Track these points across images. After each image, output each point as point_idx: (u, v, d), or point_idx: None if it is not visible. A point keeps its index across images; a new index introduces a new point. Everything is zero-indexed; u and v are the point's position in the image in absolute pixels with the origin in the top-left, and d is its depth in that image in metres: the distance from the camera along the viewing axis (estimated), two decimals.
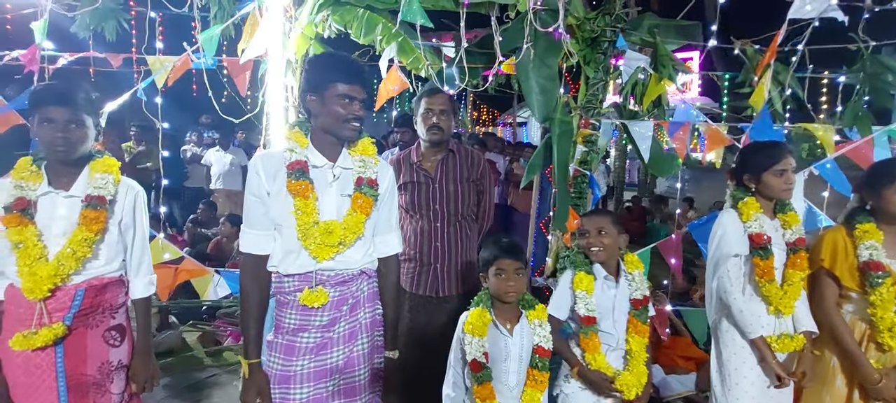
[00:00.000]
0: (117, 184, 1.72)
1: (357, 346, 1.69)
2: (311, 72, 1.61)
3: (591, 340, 1.87)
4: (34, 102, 1.57)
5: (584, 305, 1.86)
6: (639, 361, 1.90)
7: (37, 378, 1.59)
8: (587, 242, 1.94)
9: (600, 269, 1.94)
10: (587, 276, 1.89)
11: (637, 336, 1.92)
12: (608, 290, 1.93)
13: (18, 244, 1.53)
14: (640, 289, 1.94)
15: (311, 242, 1.56)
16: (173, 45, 2.86)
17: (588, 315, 1.86)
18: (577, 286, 1.89)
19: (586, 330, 1.87)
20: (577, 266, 1.93)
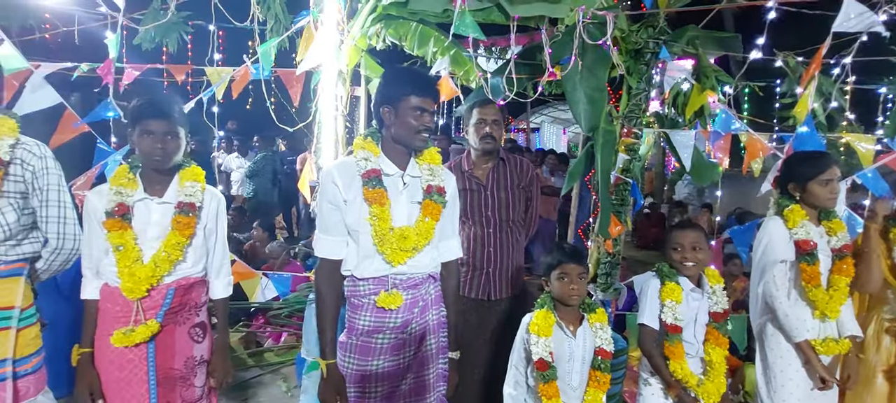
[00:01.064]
0: (203, 191, 1.83)
1: (426, 347, 1.79)
2: (386, 85, 1.71)
3: (676, 348, 1.94)
4: (136, 116, 1.69)
5: (672, 314, 1.94)
6: (719, 372, 1.97)
7: (130, 372, 1.70)
8: (680, 256, 1.99)
9: (687, 281, 2.00)
10: (677, 287, 1.96)
11: (718, 347, 1.99)
12: (693, 302, 2.00)
13: (119, 247, 1.65)
14: (721, 303, 2.01)
15: (387, 247, 1.65)
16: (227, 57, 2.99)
17: (675, 324, 1.93)
18: (666, 295, 1.96)
19: (672, 339, 1.94)
20: (664, 276, 1.99)
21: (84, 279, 1.74)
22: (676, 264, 2.00)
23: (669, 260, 2.02)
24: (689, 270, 1.99)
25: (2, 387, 1.63)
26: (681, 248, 1.99)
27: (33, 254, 1.73)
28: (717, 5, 2.72)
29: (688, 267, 1.99)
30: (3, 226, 1.62)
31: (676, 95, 2.86)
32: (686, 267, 1.99)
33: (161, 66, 2.73)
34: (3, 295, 1.63)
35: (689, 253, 1.98)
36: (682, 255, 1.99)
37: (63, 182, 1.75)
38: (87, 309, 1.74)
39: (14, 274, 1.67)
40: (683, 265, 1.99)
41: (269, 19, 2.84)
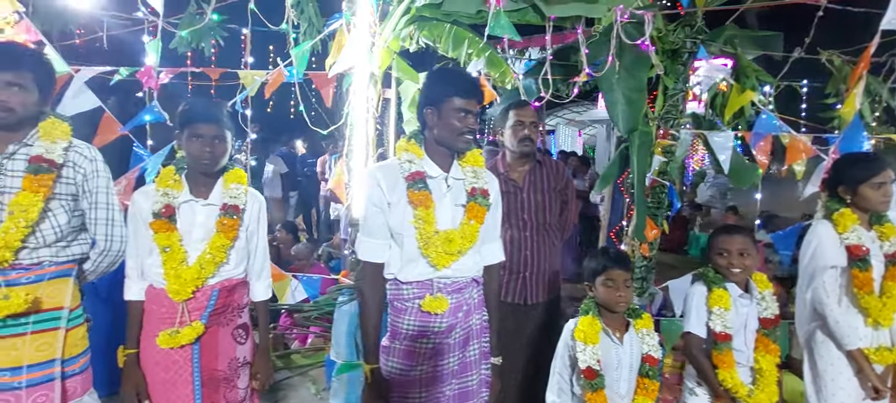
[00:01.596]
0: (246, 193, 1.83)
1: (470, 352, 1.76)
2: (430, 86, 1.70)
3: (725, 357, 1.88)
4: (185, 119, 1.70)
5: (720, 322, 1.88)
6: (770, 380, 1.91)
7: (175, 373, 1.71)
8: (727, 263, 1.93)
9: (735, 287, 1.95)
10: (725, 293, 1.90)
11: (768, 355, 1.93)
12: (741, 308, 1.94)
13: (166, 248, 1.66)
14: (771, 309, 1.95)
15: (433, 251, 1.63)
16: (257, 60, 3.01)
17: (724, 332, 1.88)
18: (713, 302, 1.90)
19: (721, 347, 1.89)
20: (711, 282, 1.94)
21: (128, 280, 1.75)
22: (723, 270, 1.94)
23: (715, 266, 1.96)
24: (736, 276, 1.93)
25: (50, 387, 1.64)
26: (727, 254, 1.93)
27: (82, 256, 1.74)
28: (757, 4, 2.65)
29: (735, 274, 1.93)
30: (55, 228, 1.63)
31: (715, 96, 2.80)
32: (733, 274, 1.93)
33: (196, 69, 2.76)
34: (53, 295, 1.65)
35: (736, 259, 1.92)
36: (729, 261, 1.93)
37: (111, 185, 1.77)
38: (131, 311, 1.74)
39: (63, 275, 1.68)
40: (730, 271, 1.93)
41: (302, 22, 2.85)
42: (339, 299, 3.27)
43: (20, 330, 1.58)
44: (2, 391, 1.57)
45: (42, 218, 1.59)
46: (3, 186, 1.57)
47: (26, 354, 1.59)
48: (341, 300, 3.26)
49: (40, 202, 1.56)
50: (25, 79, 1.55)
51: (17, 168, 1.59)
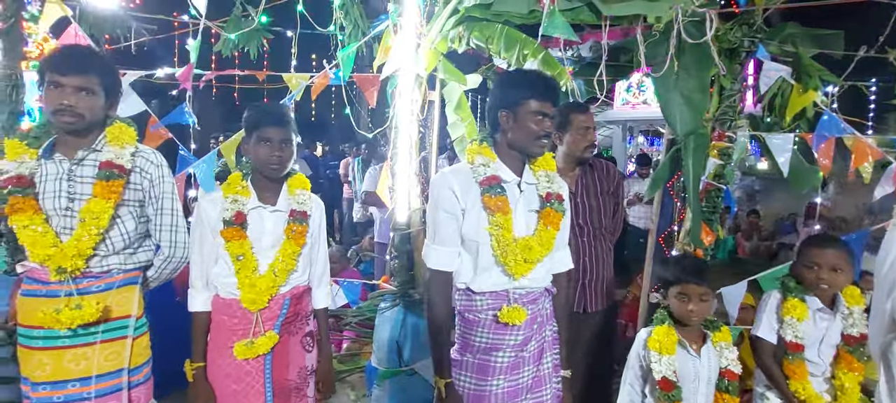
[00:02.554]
0: (310, 200, 1.79)
1: (544, 365, 1.69)
2: (504, 88, 1.62)
3: (797, 367, 1.80)
4: (252, 123, 1.67)
5: (792, 332, 1.80)
6: (852, 397, 1.82)
7: (247, 384, 1.67)
8: (815, 276, 1.83)
9: (815, 300, 1.86)
10: (801, 304, 1.82)
11: (850, 372, 1.84)
12: (820, 322, 1.86)
13: (239, 256, 1.62)
14: (858, 326, 1.85)
15: (511, 259, 1.56)
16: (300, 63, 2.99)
17: (796, 342, 1.80)
18: (787, 312, 1.82)
19: (793, 357, 1.80)
20: (788, 291, 1.85)
21: (193, 290, 1.70)
22: (809, 282, 1.84)
23: (798, 276, 1.87)
24: (822, 292, 1.83)
25: (118, 397, 1.61)
26: (817, 268, 1.83)
27: (147, 263, 1.72)
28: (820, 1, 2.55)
29: (822, 290, 1.83)
30: (124, 235, 1.61)
31: (773, 96, 2.70)
32: (820, 290, 1.83)
33: (241, 72, 2.74)
34: (121, 303, 1.62)
35: (826, 274, 1.81)
36: (818, 275, 1.82)
37: (176, 190, 1.74)
38: (197, 322, 1.70)
39: (130, 282, 1.66)
40: (818, 287, 1.83)
41: (347, 24, 2.81)
42: (381, 305, 3.23)
43: (90, 340, 1.56)
44: (72, 401, 1.54)
45: (111, 225, 1.57)
46: (73, 193, 1.54)
47: (96, 364, 1.56)
48: (383, 306, 3.21)
49: (111, 209, 1.53)
50: (93, 83, 1.53)
51: (87, 174, 1.56)
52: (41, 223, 1.49)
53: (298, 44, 2.98)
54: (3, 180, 1.49)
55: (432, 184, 1.67)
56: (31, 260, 1.50)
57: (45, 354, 1.53)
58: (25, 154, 1.52)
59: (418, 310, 3.17)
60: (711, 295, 1.77)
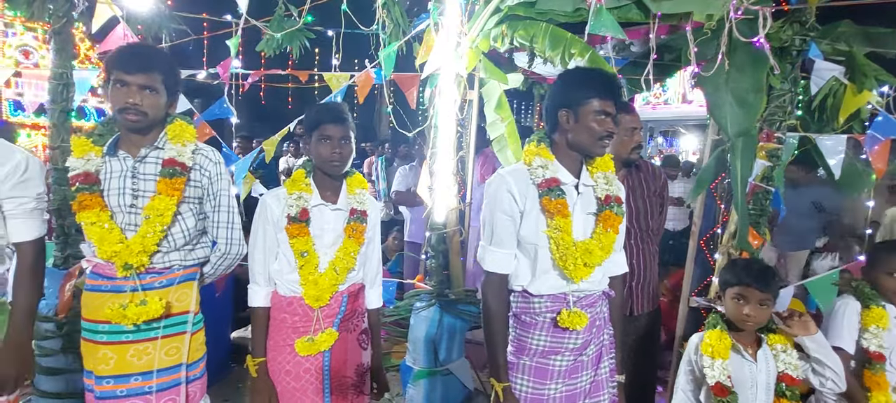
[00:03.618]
0: (368, 199, 1.80)
1: (602, 369, 1.67)
2: (566, 87, 1.59)
3: (880, 378, 1.75)
4: (313, 122, 1.68)
5: (875, 341, 1.75)
6: None
7: (306, 381, 1.68)
8: None
9: (892, 307, 1.81)
10: (884, 313, 1.76)
11: None
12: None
13: (303, 253, 1.63)
14: None
15: (570, 262, 1.53)
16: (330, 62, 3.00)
17: (879, 352, 1.74)
18: (870, 321, 1.77)
19: (875, 368, 1.75)
20: (867, 298, 1.79)
21: (255, 286, 1.72)
22: (887, 291, 1.78)
23: (874, 283, 1.81)
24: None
25: (177, 392, 1.63)
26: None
27: (204, 259, 1.73)
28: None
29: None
30: (185, 231, 1.62)
31: (825, 97, 2.62)
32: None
33: (282, 71, 2.76)
34: (181, 299, 1.64)
35: None
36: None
37: (231, 188, 1.75)
38: (257, 318, 1.71)
39: (189, 278, 1.67)
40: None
41: (388, 23, 2.81)
42: (417, 305, 3.22)
43: (152, 335, 1.58)
44: (135, 395, 1.57)
45: (173, 222, 1.59)
46: (136, 189, 1.57)
47: (157, 358, 1.58)
48: (419, 306, 3.21)
49: (174, 206, 1.55)
50: (157, 81, 1.55)
51: (149, 171, 1.58)
52: (108, 220, 1.52)
53: (335, 43, 2.99)
54: (72, 177, 1.52)
55: (488, 184, 1.64)
56: (98, 256, 1.53)
57: (109, 348, 1.55)
58: (91, 151, 1.54)
59: (454, 311, 3.16)
60: (772, 302, 1.72)
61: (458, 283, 3.27)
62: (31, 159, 1.54)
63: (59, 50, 2.70)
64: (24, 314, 1.53)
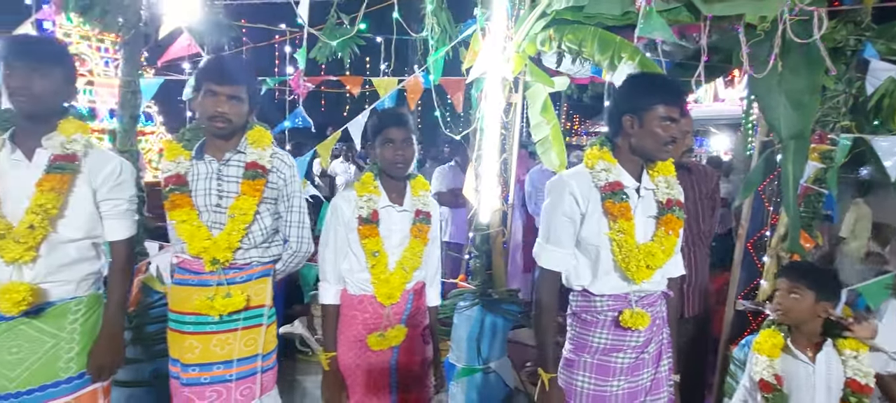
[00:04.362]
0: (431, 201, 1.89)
1: (662, 367, 1.70)
2: (631, 92, 1.63)
3: None
4: (377, 127, 1.77)
5: None
6: None
7: (375, 375, 1.78)
8: None
9: None
10: None
11: None
12: None
13: (374, 252, 1.72)
14: None
15: (633, 265, 1.57)
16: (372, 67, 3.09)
17: None
18: None
19: None
20: None
21: (326, 284, 1.82)
22: None
23: None
24: None
25: (253, 380, 1.74)
26: None
27: (277, 256, 1.84)
28: None
29: None
30: (263, 229, 1.73)
31: (881, 97, 2.57)
32: None
33: (334, 77, 2.87)
34: (258, 293, 1.75)
35: None
36: None
37: (302, 189, 1.86)
38: (329, 315, 1.82)
39: (265, 274, 1.78)
40: None
41: (436, 28, 2.89)
42: (460, 304, 3.29)
43: (233, 326, 1.69)
44: (217, 382, 1.68)
45: (253, 221, 1.69)
46: (221, 190, 1.68)
47: (237, 349, 1.69)
48: (462, 305, 3.28)
49: (255, 205, 1.66)
50: (242, 91, 1.66)
51: (232, 173, 1.70)
52: (196, 218, 1.63)
53: (383, 50, 3.09)
54: (165, 178, 1.64)
55: (550, 185, 1.69)
56: (188, 252, 1.64)
57: (195, 338, 1.67)
58: (181, 155, 1.67)
59: (497, 310, 3.22)
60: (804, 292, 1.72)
61: (501, 283, 3.32)
62: (124, 164, 1.67)
63: (128, 59, 2.87)
64: (117, 306, 1.66)
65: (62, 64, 1.55)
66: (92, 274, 1.66)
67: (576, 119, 18.85)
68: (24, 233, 1.47)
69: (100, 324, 1.66)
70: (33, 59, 1.48)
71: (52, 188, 1.50)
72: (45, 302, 1.56)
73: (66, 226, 1.56)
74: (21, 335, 1.55)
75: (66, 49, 1.64)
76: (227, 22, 2.99)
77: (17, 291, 1.46)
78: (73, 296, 1.61)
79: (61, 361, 1.59)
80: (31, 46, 1.53)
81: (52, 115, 1.56)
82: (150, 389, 2.91)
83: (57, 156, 1.53)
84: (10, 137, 1.54)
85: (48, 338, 1.58)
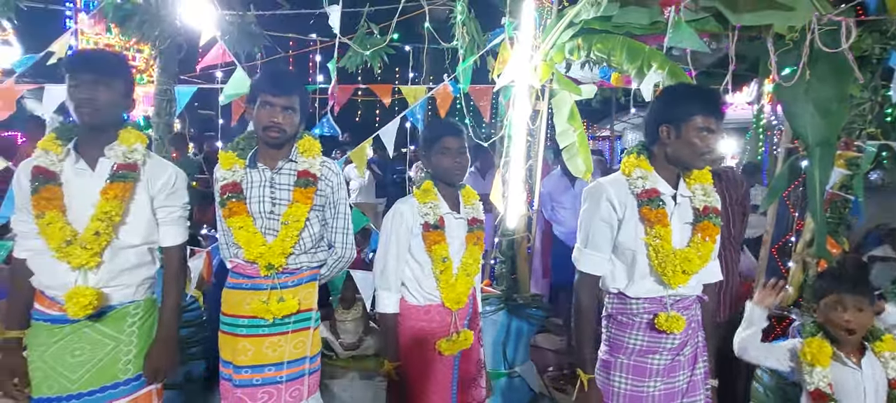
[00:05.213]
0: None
1: (697, 371, 1.74)
2: (669, 102, 1.67)
3: None
4: (433, 136, 1.83)
5: None
6: None
7: (437, 380, 1.82)
8: None
9: None
10: None
11: None
12: None
13: (443, 259, 1.77)
14: None
15: (669, 269, 1.61)
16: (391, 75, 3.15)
17: None
18: None
19: None
20: None
21: (387, 293, 1.84)
22: None
23: None
24: None
25: (302, 382, 1.79)
26: None
27: (323, 262, 1.89)
28: None
29: None
30: (312, 235, 1.79)
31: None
32: None
33: (363, 85, 2.94)
34: (306, 298, 1.80)
35: None
36: None
37: (347, 196, 1.91)
38: (390, 323, 1.85)
39: (313, 279, 1.84)
40: None
41: (465, 36, 2.95)
42: (486, 308, 3.33)
43: (283, 329, 1.74)
44: (268, 384, 1.73)
45: (303, 227, 1.74)
46: (274, 198, 1.73)
47: (287, 351, 1.74)
48: (488, 309, 3.32)
49: (307, 212, 1.71)
50: (295, 102, 1.71)
51: (284, 181, 1.75)
52: (252, 225, 1.69)
53: (411, 58, 3.15)
54: (222, 186, 1.70)
55: (587, 191, 1.74)
56: (245, 257, 1.70)
57: (248, 341, 1.72)
58: (236, 163, 1.72)
59: (522, 314, 3.26)
60: (865, 304, 1.74)
61: (525, 288, 3.36)
62: (179, 172, 1.73)
63: (164, 68, 2.95)
64: (172, 311, 1.71)
65: (123, 76, 1.61)
66: (148, 279, 1.72)
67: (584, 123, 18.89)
68: (90, 240, 1.53)
69: (155, 328, 1.71)
70: (98, 72, 1.54)
71: (115, 196, 1.55)
72: (106, 305, 1.61)
73: (127, 233, 1.62)
74: (84, 337, 1.60)
75: (126, 62, 1.71)
76: (260, 31, 3.07)
77: (83, 295, 1.51)
78: (131, 300, 1.67)
79: (120, 363, 1.64)
80: (96, 60, 1.60)
81: (113, 126, 1.62)
82: (180, 391, 2.97)
83: (119, 165, 1.59)
84: (74, 147, 1.60)
85: (109, 341, 1.63)
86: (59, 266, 1.54)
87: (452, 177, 1.82)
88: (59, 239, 1.51)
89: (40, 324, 1.61)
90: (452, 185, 1.85)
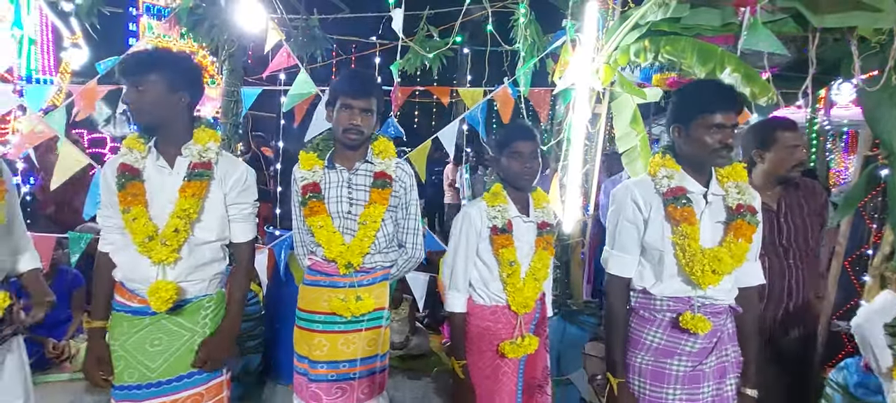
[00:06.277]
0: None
1: (726, 386, 1.67)
2: (678, 103, 1.66)
3: None
4: (504, 140, 1.82)
5: None
6: None
7: (502, 383, 1.81)
8: None
9: None
10: None
11: None
12: None
13: (511, 262, 1.77)
14: None
15: (697, 269, 1.56)
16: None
17: None
18: None
19: None
20: None
21: (456, 293, 1.85)
22: None
23: None
24: None
25: (373, 379, 1.82)
26: None
27: (394, 261, 1.91)
28: None
29: None
30: (386, 235, 1.81)
31: None
32: None
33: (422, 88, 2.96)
34: (379, 296, 1.82)
35: None
36: None
37: (418, 198, 1.92)
38: (459, 323, 1.85)
39: (385, 278, 1.86)
40: None
41: (527, 39, 2.94)
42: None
43: (357, 327, 1.77)
44: (342, 380, 1.76)
45: (379, 227, 1.77)
46: (351, 198, 1.77)
47: (361, 348, 1.77)
48: None
49: (383, 212, 1.73)
50: (373, 105, 1.74)
51: (360, 182, 1.78)
52: (332, 224, 1.72)
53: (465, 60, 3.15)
54: (303, 186, 1.74)
55: (613, 194, 1.72)
56: (325, 256, 1.73)
57: (324, 336, 1.76)
58: (316, 164, 1.76)
59: (575, 321, 3.21)
60: None
61: (578, 294, 3.31)
62: (249, 171, 1.76)
63: (232, 71, 3.06)
64: (238, 305, 1.75)
65: (159, 72, 1.54)
66: (220, 274, 1.77)
67: None
68: (170, 236, 1.58)
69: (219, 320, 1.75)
70: (131, 74, 1.55)
71: (193, 194, 1.60)
72: (183, 299, 1.67)
73: (203, 229, 1.67)
74: (162, 329, 1.67)
75: (163, 57, 1.59)
76: (323, 34, 3.14)
77: (166, 290, 1.57)
78: (205, 294, 1.72)
79: (195, 354, 1.70)
80: (129, 63, 1.59)
81: (176, 123, 1.62)
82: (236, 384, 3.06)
83: (195, 163, 1.63)
84: (155, 145, 1.66)
85: (185, 332, 1.69)
86: (141, 260, 1.60)
87: (522, 181, 1.81)
88: (142, 235, 1.57)
89: (121, 315, 1.67)
90: (521, 189, 1.84)
